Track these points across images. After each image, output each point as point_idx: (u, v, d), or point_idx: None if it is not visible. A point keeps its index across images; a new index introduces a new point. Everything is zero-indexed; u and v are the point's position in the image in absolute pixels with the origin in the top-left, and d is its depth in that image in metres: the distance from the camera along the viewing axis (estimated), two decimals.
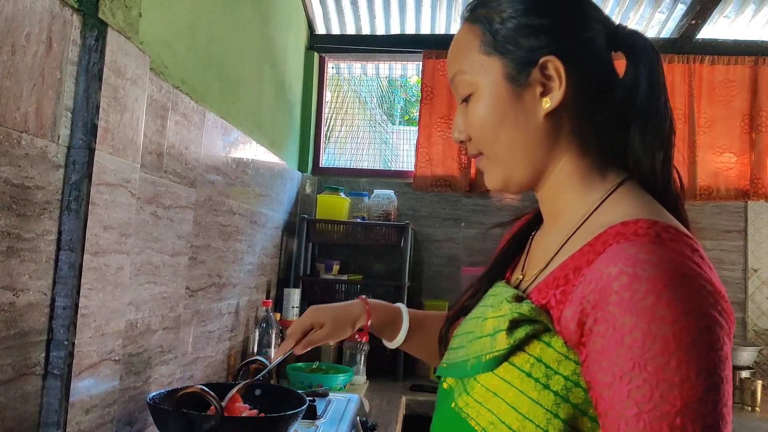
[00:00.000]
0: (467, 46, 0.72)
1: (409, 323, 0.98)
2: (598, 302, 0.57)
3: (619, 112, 0.69)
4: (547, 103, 0.68)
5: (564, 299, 0.61)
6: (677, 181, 0.70)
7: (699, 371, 0.53)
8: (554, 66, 0.68)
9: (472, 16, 0.73)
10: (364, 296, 1.01)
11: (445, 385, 0.72)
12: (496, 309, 0.67)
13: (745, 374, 2.34)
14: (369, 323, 0.97)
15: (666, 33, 2.76)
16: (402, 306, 1.01)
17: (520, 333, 0.62)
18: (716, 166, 2.68)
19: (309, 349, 0.98)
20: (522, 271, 0.77)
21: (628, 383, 0.54)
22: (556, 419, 0.59)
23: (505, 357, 0.63)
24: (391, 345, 1.00)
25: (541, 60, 0.68)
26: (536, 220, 0.83)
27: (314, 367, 2.00)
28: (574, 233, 0.67)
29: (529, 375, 0.61)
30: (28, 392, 0.93)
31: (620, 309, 0.55)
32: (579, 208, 0.69)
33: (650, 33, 2.78)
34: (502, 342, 0.63)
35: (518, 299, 0.66)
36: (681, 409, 0.52)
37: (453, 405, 0.67)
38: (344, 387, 1.91)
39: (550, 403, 0.59)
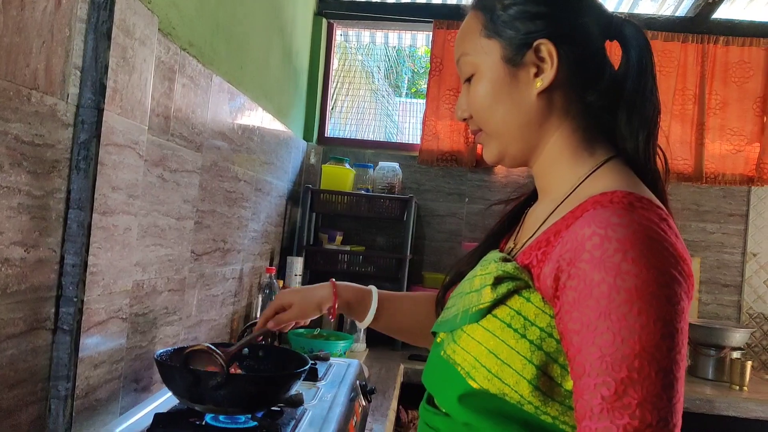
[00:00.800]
0: (471, 30, 0.79)
1: (378, 304, 1.02)
2: (572, 259, 0.63)
3: (608, 95, 0.75)
4: (540, 83, 0.74)
5: (544, 258, 0.68)
6: (661, 160, 0.76)
7: (657, 320, 0.59)
8: (547, 48, 0.74)
9: (477, 4, 0.80)
10: (333, 279, 1.07)
11: (438, 339, 0.80)
12: (483, 268, 0.75)
13: (736, 355, 2.37)
14: (336, 305, 1.02)
15: (681, 11, 2.72)
16: (373, 288, 1.06)
17: (503, 288, 0.70)
18: (725, 149, 2.66)
19: (281, 326, 1.05)
20: (514, 240, 0.83)
21: (594, 330, 0.60)
22: (530, 365, 0.66)
23: (489, 309, 0.70)
24: (361, 325, 1.05)
25: (535, 43, 0.74)
26: (532, 197, 0.88)
27: (315, 333, 2.03)
28: (561, 204, 0.74)
29: (509, 326, 0.68)
30: (39, 346, 0.95)
31: (591, 265, 0.61)
32: (568, 181, 0.76)
33: (665, 11, 2.75)
34: (487, 296, 0.70)
35: (505, 260, 0.73)
36: (639, 353, 0.58)
37: (442, 353, 0.74)
38: (344, 353, 1.94)
39: (526, 350, 0.67)
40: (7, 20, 0.83)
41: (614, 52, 0.78)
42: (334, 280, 1.07)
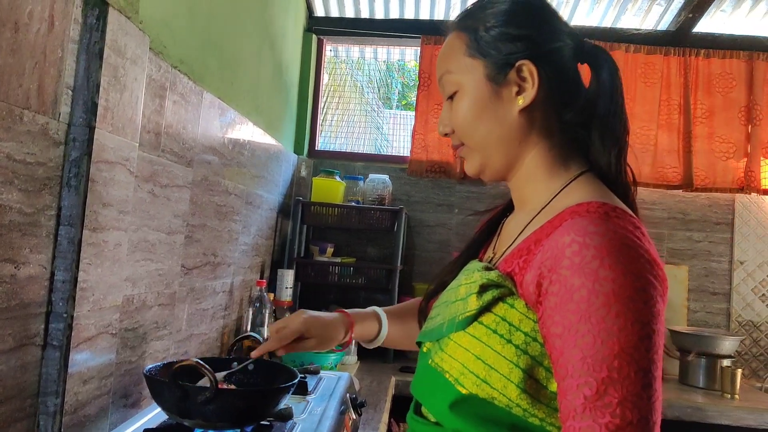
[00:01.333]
0: (455, 50, 0.83)
1: (388, 326, 1.07)
2: (553, 266, 0.67)
3: (582, 114, 0.80)
4: (521, 101, 0.78)
5: (525, 266, 0.72)
6: (630, 174, 0.81)
7: (634, 322, 0.62)
8: (528, 69, 0.78)
9: (460, 25, 0.84)
10: (344, 311, 1.08)
11: (424, 349, 0.82)
12: (468, 277, 0.77)
13: (726, 363, 2.39)
14: (352, 337, 1.06)
15: (663, 26, 2.78)
16: (378, 310, 1.09)
17: (488, 296, 0.72)
18: (714, 156, 2.70)
19: (291, 351, 1.03)
20: (493, 250, 0.87)
21: (575, 333, 0.63)
22: (517, 368, 0.69)
23: (475, 317, 0.73)
24: (369, 346, 1.09)
25: (518, 63, 0.78)
26: (508, 209, 0.92)
27: None
28: (538, 214, 0.78)
29: (494, 332, 0.71)
30: (28, 362, 0.96)
31: (570, 271, 0.65)
32: (543, 193, 0.80)
33: (648, 25, 2.80)
34: (473, 303, 0.73)
35: (487, 269, 0.76)
36: (618, 353, 0.61)
37: (430, 362, 0.77)
38: (335, 366, 1.95)
39: (512, 354, 0.69)
40: (1, 42, 0.85)
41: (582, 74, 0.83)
42: (345, 311, 1.08)
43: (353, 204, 2.58)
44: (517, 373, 0.68)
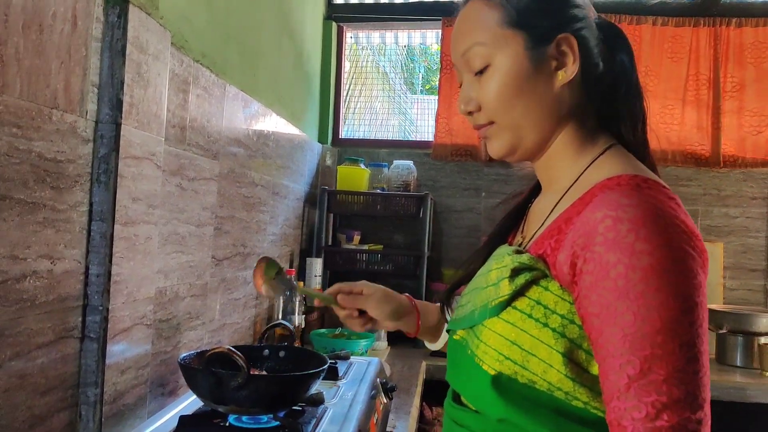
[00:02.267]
0: (485, 20, 0.77)
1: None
2: (586, 244, 0.64)
3: (610, 90, 0.78)
4: (562, 76, 0.75)
5: (558, 246, 0.69)
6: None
7: (675, 296, 0.60)
8: (569, 43, 0.75)
9: None
10: (413, 301, 1.06)
11: (456, 337, 0.79)
12: (498, 262, 0.75)
13: (764, 340, 2.34)
14: (419, 323, 1.05)
15: None
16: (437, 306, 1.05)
17: (521, 279, 0.70)
18: (744, 131, 2.62)
19: (349, 306, 1.02)
20: (522, 234, 0.84)
21: (614, 311, 0.61)
22: (556, 352, 0.67)
23: (509, 302, 0.70)
24: (434, 347, 1.06)
25: (559, 36, 0.75)
26: (535, 192, 0.90)
27: (337, 333, 2.06)
28: (566, 192, 0.75)
29: (530, 316, 0.68)
30: (68, 354, 0.99)
31: (605, 247, 0.62)
32: (572, 170, 0.77)
33: None
34: (505, 288, 0.70)
35: (518, 252, 0.73)
36: (660, 329, 0.59)
37: (469, 352, 0.74)
38: (366, 352, 1.96)
39: (549, 338, 0.67)
40: (27, 43, 0.87)
41: None
42: (414, 302, 1.06)
43: (378, 191, 2.58)
44: (556, 357, 0.66)
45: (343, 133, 3.02)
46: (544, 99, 0.76)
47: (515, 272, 0.70)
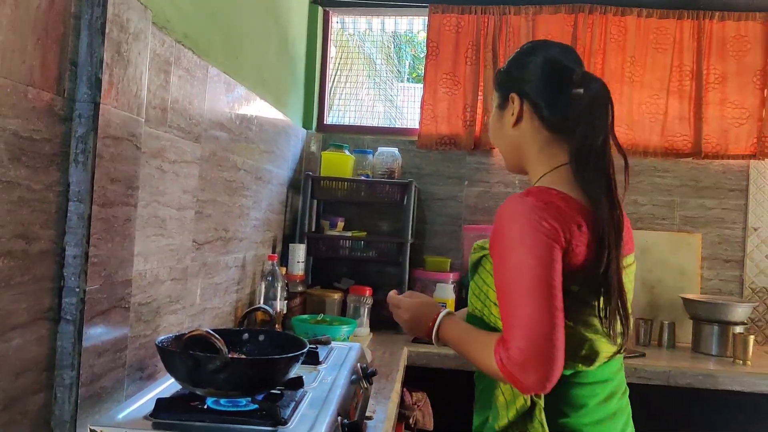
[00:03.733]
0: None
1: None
2: (492, 232, 1.05)
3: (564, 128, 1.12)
4: (510, 120, 1.16)
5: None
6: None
7: (526, 263, 0.97)
8: (515, 99, 1.14)
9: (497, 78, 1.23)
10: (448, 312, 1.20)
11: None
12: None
13: (738, 329, 2.39)
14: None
15: None
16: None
17: (478, 255, 1.16)
18: (727, 122, 2.65)
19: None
20: None
21: (498, 275, 1.02)
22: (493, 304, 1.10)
23: (475, 268, 1.17)
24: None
25: (509, 93, 1.15)
26: None
27: (318, 319, 2.06)
28: None
29: (484, 281, 1.14)
30: (43, 336, 0.98)
31: (496, 232, 1.04)
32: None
33: None
34: (475, 258, 1.17)
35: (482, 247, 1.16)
36: (517, 281, 0.97)
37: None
38: (348, 338, 1.97)
39: (491, 292, 1.10)
40: (1, 18, 0.85)
41: None
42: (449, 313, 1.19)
43: (363, 178, 2.58)
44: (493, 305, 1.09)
45: (328, 119, 3.00)
46: (503, 137, 1.21)
47: (481, 251, 1.15)
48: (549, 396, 1.01)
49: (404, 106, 3.47)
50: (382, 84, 3.67)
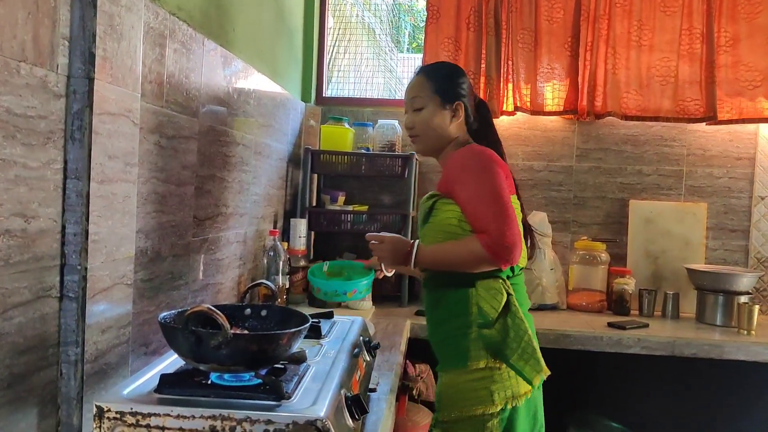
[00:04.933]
0: (425, 87, 1.57)
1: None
2: (453, 174, 1.47)
3: (478, 125, 1.62)
4: (455, 120, 1.57)
5: (442, 184, 1.51)
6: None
7: (493, 181, 1.43)
8: (459, 106, 1.56)
9: (427, 75, 1.59)
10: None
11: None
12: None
13: (743, 299, 2.39)
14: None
15: None
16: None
17: (429, 203, 1.53)
18: (740, 85, 2.58)
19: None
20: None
21: (472, 194, 1.44)
22: (454, 224, 1.47)
23: (428, 214, 1.53)
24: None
25: (455, 102, 1.56)
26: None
27: (326, 269, 1.80)
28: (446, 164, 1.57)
29: (442, 217, 1.50)
30: (46, 313, 0.98)
31: (460, 171, 1.47)
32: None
33: None
34: (427, 205, 1.54)
35: (431, 196, 1.55)
36: (490, 193, 1.42)
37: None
38: (369, 289, 1.77)
39: (452, 221, 1.47)
40: None
41: None
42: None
43: (363, 151, 2.56)
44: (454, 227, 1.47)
45: (327, 92, 2.96)
46: (443, 128, 1.55)
47: (431, 199, 1.53)
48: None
49: (404, 77, 3.43)
50: (381, 54, 3.62)
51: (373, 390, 1.39)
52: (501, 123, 2.77)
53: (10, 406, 0.91)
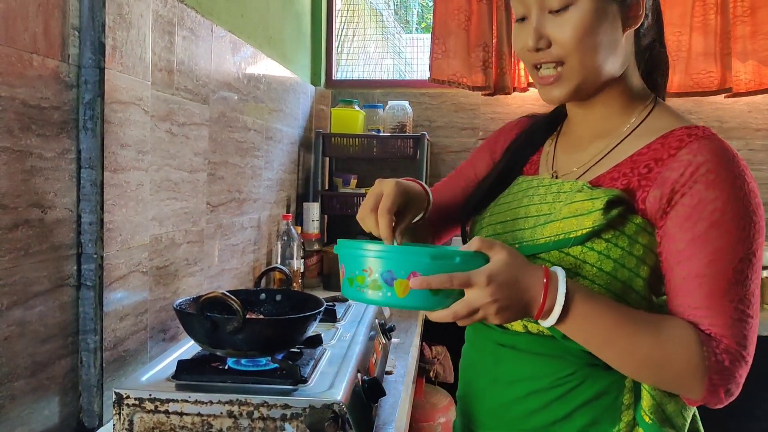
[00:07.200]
0: None
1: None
2: (687, 181, 0.75)
3: (651, 44, 0.88)
4: (633, 25, 0.82)
5: (649, 183, 0.78)
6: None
7: (756, 233, 0.74)
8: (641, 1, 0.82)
9: None
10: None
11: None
12: (580, 195, 0.80)
13: (765, 274, 2.35)
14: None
15: None
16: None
17: (614, 212, 0.77)
18: (759, 56, 2.49)
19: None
20: (551, 170, 0.91)
21: (706, 239, 0.74)
22: (638, 277, 0.78)
23: (597, 232, 0.77)
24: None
25: None
26: (549, 127, 0.96)
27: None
28: (626, 138, 0.85)
29: (615, 245, 0.78)
30: (65, 302, 1.00)
31: (705, 186, 0.74)
32: (623, 118, 0.86)
33: None
34: (598, 219, 0.77)
35: (592, 188, 0.80)
36: (742, 258, 0.73)
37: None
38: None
39: (633, 265, 0.78)
40: None
41: None
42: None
43: (374, 133, 2.55)
44: (637, 281, 0.78)
45: (337, 75, 2.95)
46: (614, 46, 0.80)
47: (609, 204, 0.77)
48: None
49: (413, 58, 3.40)
50: (390, 36, 3.59)
51: (390, 373, 1.40)
52: (513, 99, 2.74)
53: (34, 393, 0.93)
